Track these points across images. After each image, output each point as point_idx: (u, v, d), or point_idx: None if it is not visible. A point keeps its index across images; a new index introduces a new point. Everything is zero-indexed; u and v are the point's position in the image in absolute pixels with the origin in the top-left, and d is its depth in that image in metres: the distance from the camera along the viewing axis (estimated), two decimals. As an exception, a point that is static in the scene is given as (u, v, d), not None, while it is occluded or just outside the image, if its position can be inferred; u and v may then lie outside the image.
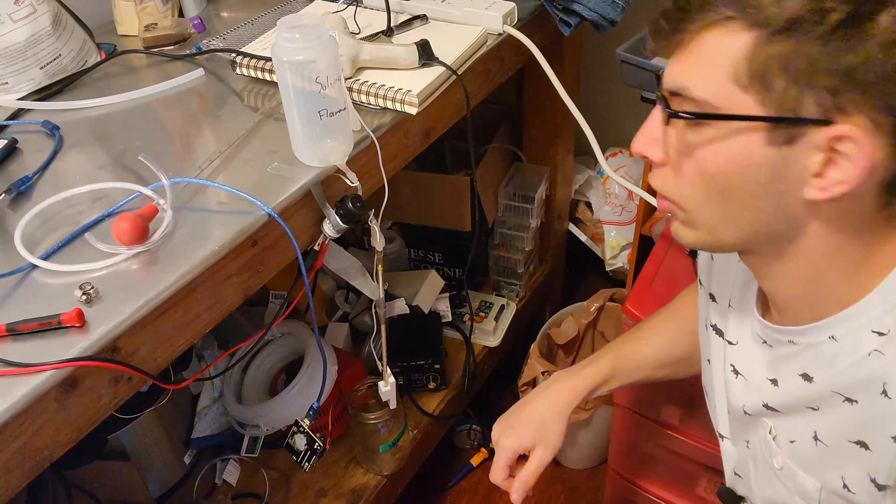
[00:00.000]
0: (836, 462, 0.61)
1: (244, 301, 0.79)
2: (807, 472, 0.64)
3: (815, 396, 0.62)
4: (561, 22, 1.19)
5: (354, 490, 1.30)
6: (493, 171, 1.58)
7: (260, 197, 0.77)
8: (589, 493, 1.58)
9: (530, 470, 0.90)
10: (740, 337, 0.73)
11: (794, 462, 0.66)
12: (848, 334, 0.58)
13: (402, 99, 0.92)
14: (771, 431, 0.68)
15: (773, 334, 0.66)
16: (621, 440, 1.30)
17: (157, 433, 1.22)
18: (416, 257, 1.68)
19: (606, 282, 1.88)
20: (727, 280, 0.76)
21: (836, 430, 0.60)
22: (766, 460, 0.70)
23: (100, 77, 1.07)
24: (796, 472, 0.65)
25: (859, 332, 0.57)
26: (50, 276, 0.70)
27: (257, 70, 1.00)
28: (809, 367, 0.62)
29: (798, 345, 0.63)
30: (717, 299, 0.77)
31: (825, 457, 0.62)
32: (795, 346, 0.63)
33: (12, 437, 0.60)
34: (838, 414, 0.60)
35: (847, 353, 0.58)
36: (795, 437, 0.65)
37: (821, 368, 0.61)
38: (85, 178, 0.84)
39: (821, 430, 0.62)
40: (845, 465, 0.60)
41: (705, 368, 0.81)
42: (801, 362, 0.63)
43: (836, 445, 0.61)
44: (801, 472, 0.65)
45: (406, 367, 1.41)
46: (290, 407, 1.23)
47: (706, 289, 0.80)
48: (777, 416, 0.67)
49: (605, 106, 1.79)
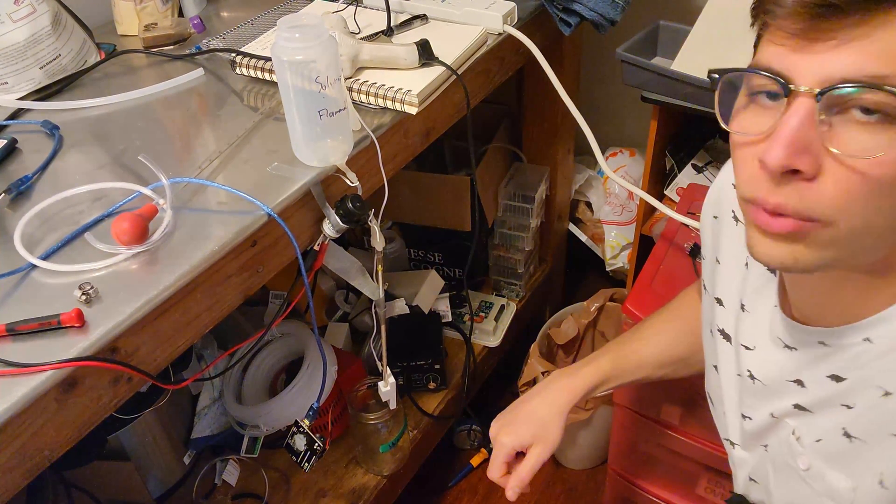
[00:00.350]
0: (873, 457, 0.59)
1: (244, 301, 0.79)
2: (839, 470, 0.62)
3: (849, 394, 0.60)
4: (561, 22, 1.19)
5: (354, 490, 1.30)
6: (493, 171, 1.58)
7: (260, 197, 0.77)
8: (589, 494, 1.58)
9: (527, 467, 0.89)
10: (757, 342, 0.70)
11: (824, 461, 0.64)
12: (884, 336, 0.57)
13: (402, 99, 0.92)
14: (794, 433, 0.66)
15: (801, 336, 0.63)
16: (621, 440, 1.30)
17: (157, 433, 1.22)
18: (416, 257, 1.68)
19: (606, 282, 1.88)
20: (738, 285, 0.74)
21: (873, 424, 0.58)
22: (786, 462, 0.68)
23: (99, 77, 1.07)
24: (825, 472, 0.63)
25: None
26: (49, 276, 0.70)
27: (257, 70, 1.00)
28: (841, 368, 0.61)
29: (829, 346, 0.61)
30: (725, 304, 0.76)
31: (859, 453, 0.60)
32: (827, 347, 0.61)
33: (12, 437, 0.60)
34: (875, 408, 0.58)
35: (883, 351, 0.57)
36: (821, 436, 0.63)
37: (853, 369, 0.59)
38: (85, 177, 0.84)
39: (853, 426, 0.60)
40: (883, 459, 0.58)
41: (712, 375, 0.79)
42: (830, 364, 0.61)
43: (874, 439, 0.59)
44: (832, 472, 0.63)
45: (406, 367, 1.41)
46: (290, 407, 1.23)
47: (711, 293, 0.78)
48: (804, 415, 0.65)
49: (605, 106, 1.79)
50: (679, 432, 1.17)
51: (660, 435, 1.20)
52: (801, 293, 0.64)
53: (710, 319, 0.79)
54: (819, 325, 0.62)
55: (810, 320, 0.63)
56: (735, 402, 0.75)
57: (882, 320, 0.57)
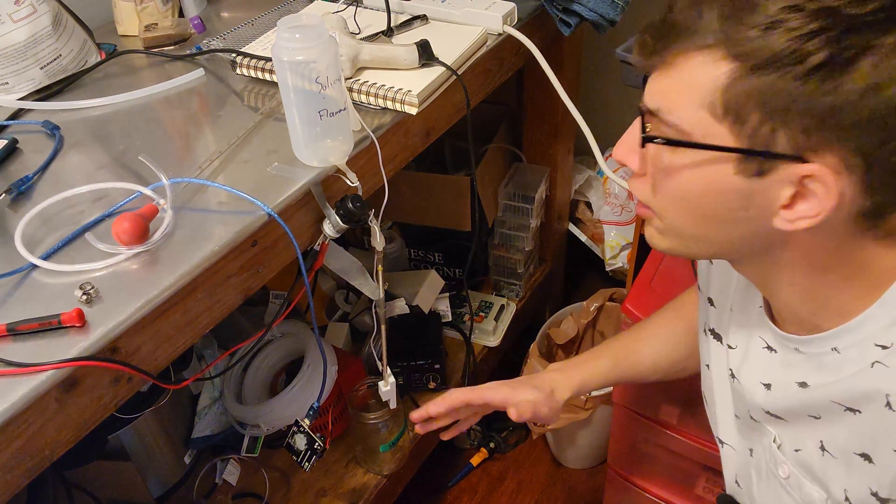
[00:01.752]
0: (842, 473, 0.61)
1: (244, 301, 0.79)
2: (812, 482, 0.64)
3: (813, 404, 0.61)
4: (561, 22, 1.19)
5: (354, 490, 1.30)
6: (493, 171, 1.58)
7: (260, 197, 0.77)
8: (588, 493, 1.58)
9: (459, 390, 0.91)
10: (740, 342, 0.72)
11: (801, 471, 0.65)
12: (850, 347, 0.58)
13: (402, 99, 0.92)
14: (775, 440, 0.68)
15: (782, 341, 0.66)
16: (620, 440, 1.30)
17: (157, 433, 1.23)
18: (416, 257, 1.68)
19: (606, 282, 1.88)
20: (727, 284, 0.75)
21: (842, 442, 0.60)
22: (770, 470, 0.69)
23: (100, 77, 1.07)
24: (803, 482, 0.65)
25: (862, 345, 0.57)
26: (50, 276, 0.70)
27: (257, 70, 1.00)
28: (809, 375, 0.62)
29: (803, 354, 0.63)
30: (716, 304, 0.77)
31: (831, 468, 0.62)
32: (801, 354, 0.63)
33: (12, 437, 0.60)
34: (843, 425, 0.59)
35: (850, 363, 0.58)
36: (800, 447, 0.65)
37: (820, 377, 0.61)
38: (85, 178, 0.84)
39: (827, 441, 0.62)
40: (849, 476, 0.60)
41: (705, 374, 0.80)
42: (801, 371, 0.63)
43: (843, 457, 0.60)
44: (808, 482, 0.64)
45: (406, 367, 1.41)
46: (290, 407, 1.23)
47: (705, 293, 0.79)
48: (780, 423, 0.67)
49: (605, 106, 1.79)
50: (678, 432, 1.17)
51: (659, 434, 1.20)
52: (769, 298, 0.65)
53: (703, 319, 0.80)
54: (795, 333, 0.63)
55: (789, 326, 0.64)
56: (729, 401, 0.76)
57: (848, 331, 0.58)
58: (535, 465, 1.62)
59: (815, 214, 0.51)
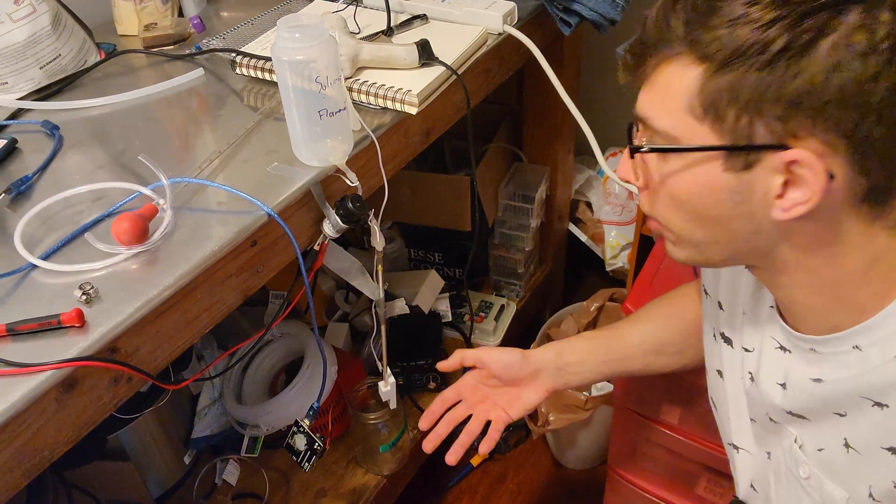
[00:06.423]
0: (867, 469, 0.60)
1: (244, 301, 0.79)
2: (834, 481, 0.63)
3: (837, 401, 0.61)
4: (561, 22, 1.19)
5: (354, 490, 1.30)
6: (493, 170, 1.58)
7: (260, 197, 0.77)
8: (589, 493, 1.58)
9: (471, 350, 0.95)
10: (756, 344, 0.72)
11: (822, 471, 0.65)
12: (873, 344, 0.58)
13: (402, 99, 0.92)
14: (797, 441, 0.67)
15: (795, 341, 0.65)
16: (620, 440, 1.30)
17: (157, 433, 1.22)
18: (416, 257, 1.68)
19: (606, 282, 1.88)
20: (737, 289, 0.75)
21: (868, 436, 0.60)
22: (790, 471, 0.69)
23: (99, 77, 1.07)
24: (823, 482, 0.64)
25: (886, 341, 0.57)
26: (50, 276, 0.70)
27: (257, 70, 1.00)
28: (825, 372, 0.62)
29: (820, 353, 0.62)
30: (726, 308, 0.76)
31: (856, 464, 0.61)
32: (817, 354, 0.63)
33: (12, 437, 0.60)
34: (870, 419, 0.59)
35: (873, 359, 0.58)
36: (823, 445, 0.64)
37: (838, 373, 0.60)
38: (85, 177, 0.84)
39: (852, 437, 0.61)
40: (874, 472, 0.60)
41: (715, 380, 0.80)
42: (817, 369, 0.62)
43: (868, 452, 0.60)
44: (829, 482, 0.64)
45: (406, 367, 1.41)
46: (290, 407, 1.23)
47: (714, 297, 0.79)
48: (803, 423, 0.66)
49: (605, 106, 1.78)
50: (678, 432, 1.17)
51: (659, 435, 1.20)
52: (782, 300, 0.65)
53: (713, 324, 0.79)
54: (810, 333, 0.63)
55: (803, 325, 0.64)
56: (743, 405, 0.75)
57: (869, 328, 0.58)
58: (535, 465, 1.62)
59: (806, 199, 0.52)
